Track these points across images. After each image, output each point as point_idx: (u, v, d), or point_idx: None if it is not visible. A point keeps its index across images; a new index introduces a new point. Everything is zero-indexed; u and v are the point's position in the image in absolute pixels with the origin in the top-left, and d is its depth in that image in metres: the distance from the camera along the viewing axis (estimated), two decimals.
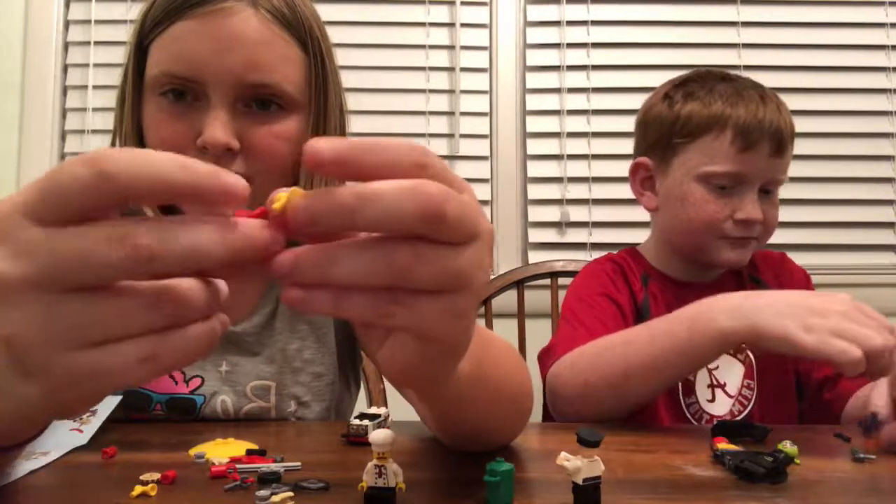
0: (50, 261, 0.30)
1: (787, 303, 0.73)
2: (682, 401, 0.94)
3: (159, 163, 0.31)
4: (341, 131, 0.86)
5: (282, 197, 0.33)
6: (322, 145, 0.32)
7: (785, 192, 1.74)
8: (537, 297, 1.43)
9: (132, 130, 0.79)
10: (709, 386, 0.92)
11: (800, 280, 1.10)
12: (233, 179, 0.33)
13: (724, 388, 0.85)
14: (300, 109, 0.78)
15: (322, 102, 0.80)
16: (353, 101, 1.80)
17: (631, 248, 1.11)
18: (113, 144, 0.83)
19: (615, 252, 1.11)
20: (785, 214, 1.74)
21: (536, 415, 1.01)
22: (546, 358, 0.93)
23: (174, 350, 0.32)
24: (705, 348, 0.77)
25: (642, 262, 1.08)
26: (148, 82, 0.76)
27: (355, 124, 1.76)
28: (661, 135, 1.01)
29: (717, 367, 0.98)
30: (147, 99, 0.76)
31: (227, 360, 0.84)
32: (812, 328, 0.70)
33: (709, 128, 0.96)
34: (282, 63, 0.75)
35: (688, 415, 0.93)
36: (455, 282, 0.34)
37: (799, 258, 1.15)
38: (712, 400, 0.94)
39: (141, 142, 0.79)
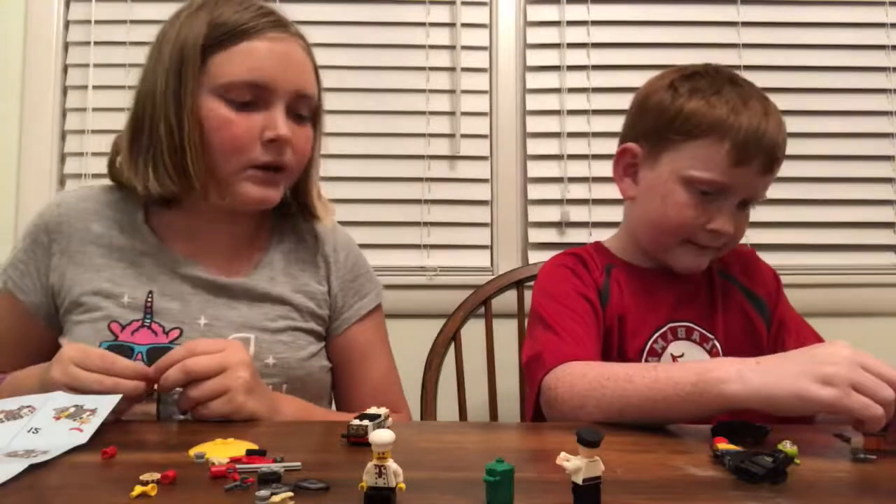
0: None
1: (797, 361, 0.72)
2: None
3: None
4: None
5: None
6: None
7: (785, 191, 1.76)
8: None
9: (193, 121, 0.90)
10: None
11: (769, 279, 1.10)
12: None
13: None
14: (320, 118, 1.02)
15: (321, 113, 1.03)
16: (353, 101, 1.82)
17: (595, 243, 1.12)
18: (150, 133, 0.92)
19: (577, 247, 1.11)
20: (785, 214, 1.76)
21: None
22: (536, 368, 0.92)
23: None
24: (707, 407, 0.75)
25: (606, 255, 1.08)
26: (215, 88, 0.90)
27: (356, 124, 1.78)
28: (658, 125, 0.98)
29: (682, 355, 0.98)
30: (209, 100, 0.91)
31: (206, 313, 0.94)
32: (830, 380, 0.68)
33: (708, 132, 0.94)
34: (314, 82, 0.98)
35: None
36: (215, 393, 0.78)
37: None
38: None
39: (201, 131, 0.91)
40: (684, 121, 0.96)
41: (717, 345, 1.01)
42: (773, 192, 1.74)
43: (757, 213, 1.71)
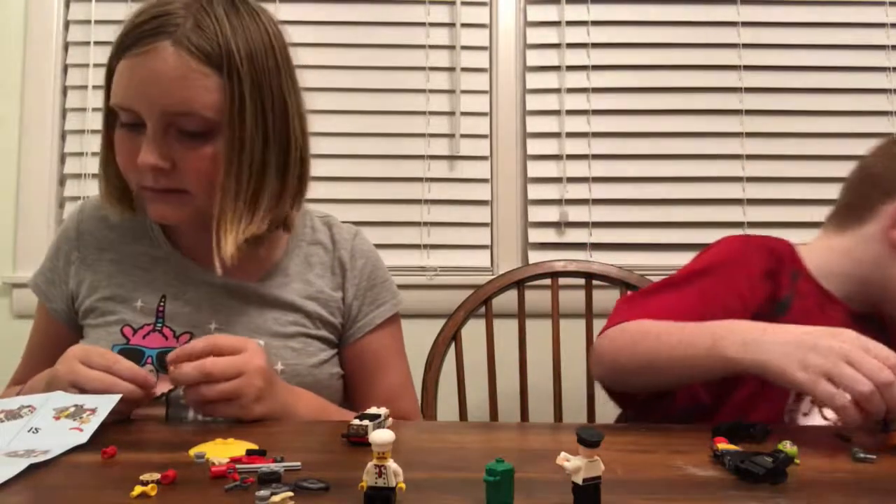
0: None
1: (794, 341, 0.75)
2: (787, 402, 0.94)
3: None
4: (281, 153, 0.90)
5: None
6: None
7: (786, 192, 1.76)
8: (537, 298, 1.43)
9: (105, 138, 0.92)
10: (812, 402, 0.90)
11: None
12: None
13: (823, 412, 0.85)
14: (226, 130, 0.86)
15: (237, 124, 0.85)
16: (353, 102, 1.82)
17: (788, 243, 1.07)
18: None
19: (772, 238, 1.07)
20: (787, 214, 1.75)
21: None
22: (620, 312, 0.94)
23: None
24: (712, 368, 0.81)
25: (796, 260, 1.04)
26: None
27: (356, 124, 1.78)
28: None
29: None
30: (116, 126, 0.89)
31: (217, 318, 0.93)
32: (808, 366, 0.72)
33: None
34: (200, 93, 0.83)
35: (784, 417, 0.94)
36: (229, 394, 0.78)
37: None
38: (807, 414, 0.93)
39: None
40: None
41: None
42: (775, 191, 1.77)
43: (758, 213, 1.72)
